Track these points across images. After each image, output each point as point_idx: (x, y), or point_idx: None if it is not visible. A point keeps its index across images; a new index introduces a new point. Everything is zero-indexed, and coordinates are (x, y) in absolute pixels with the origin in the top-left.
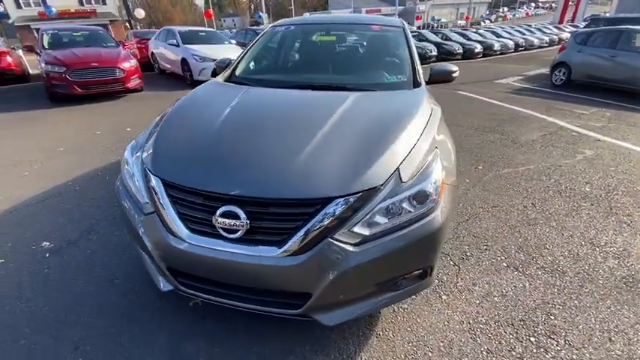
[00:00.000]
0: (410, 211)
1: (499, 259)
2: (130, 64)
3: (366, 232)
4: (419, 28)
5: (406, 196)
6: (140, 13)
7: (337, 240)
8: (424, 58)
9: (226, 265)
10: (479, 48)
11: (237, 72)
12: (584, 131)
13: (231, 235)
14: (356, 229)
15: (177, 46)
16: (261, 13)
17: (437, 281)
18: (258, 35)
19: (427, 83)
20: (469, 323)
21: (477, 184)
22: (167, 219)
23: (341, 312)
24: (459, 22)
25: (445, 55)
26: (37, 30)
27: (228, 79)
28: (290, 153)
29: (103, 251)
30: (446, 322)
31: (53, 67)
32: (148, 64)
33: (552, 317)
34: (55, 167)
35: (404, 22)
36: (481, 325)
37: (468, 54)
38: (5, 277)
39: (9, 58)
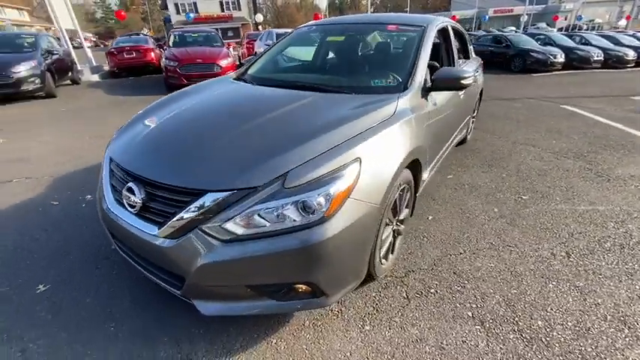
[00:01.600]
0: (295, 220)
1: (467, 306)
2: (227, 61)
3: (238, 230)
4: (560, 29)
5: (288, 202)
6: (259, 17)
7: (206, 232)
8: (545, 65)
9: (129, 235)
10: (631, 55)
11: (250, 70)
12: None
13: (131, 209)
14: (227, 226)
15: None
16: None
17: (371, 308)
18: None
19: (431, 90)
20: None
21: (504, 216)
22: (104, 188)
23: (218, 305)
24: (621, 22)
25: (578, 62)
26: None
27: (237, 76)
28: (198, 144)
29: None
30: (347, 355)
31: (170, 62)
32: None
33: None
34: None
35: (431, 23)
36: None
37: (614, 61)
38: None
39: (152, 54)
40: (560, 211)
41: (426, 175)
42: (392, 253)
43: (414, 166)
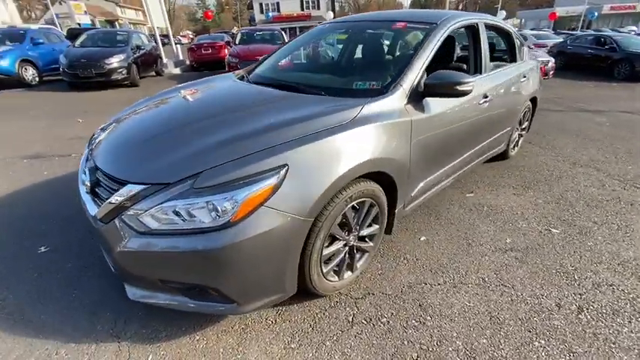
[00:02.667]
0: (203, 221)
1: (415, 346)
2: None
3: (152, 224)
4: None
5: (196, 202)
6: (329, 15)
7: (125, 222)
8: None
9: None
10: None
11: (258, 68)
12: None
13: (84, 189)
14: (143, 219)
15: None
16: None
17: (307, 325)
18: None
19: (424, 95)
20: None
21: (516, 249)
22: (79, 170)
23: (142, 292)
24: None
25: None
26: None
27: (242, 75)
28: (142, 139)
29: None
30: None
31: (232, 58)
32: None
33: None
34: None
35: (446, 20)
36: None
37: None
38: None
39: (225, 51)
40: (595, 253)
41: (414, 192)
42: (351, 271)
43: (386, 179)
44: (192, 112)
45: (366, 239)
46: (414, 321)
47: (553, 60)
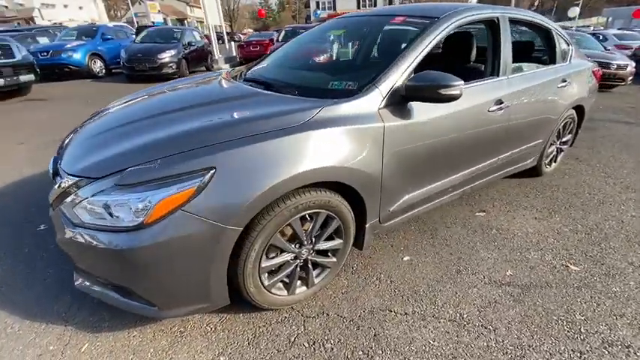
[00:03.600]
0: (123, 219)
1: None
2: None
3: (84, 217)
4: None
5: (116, 200)
6: None
7: (62, 211)
8: None
9: None
10: None
11: (255, 66)
12: None
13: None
14: (76, 210)
15: None
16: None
17: (245, 339)
18: None
19: (407, 99)
20: None
21: (515, 285)
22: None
23: (84, 281)
24: None
25: None
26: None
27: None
28: (97, 134)
29: None
30: None
31: None
32: None
33: None
34: None
35: (451, 15)
36: None
37: None
38: None
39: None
40: (619, 302)
41: (394, 207)
42: (306, 286)
43: (351, 191)
44: (148, 110)
45: (329, 254)
46: (361, 352)
47: (633, 64)
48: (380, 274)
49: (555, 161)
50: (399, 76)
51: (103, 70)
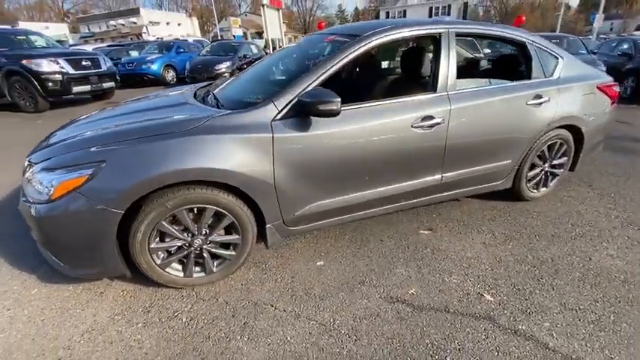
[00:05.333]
0: (42, 194)
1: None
2: None
3: (26, 190)
4: None
5: (39, 179)
6: None
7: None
8: None
9: None
10: None
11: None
12: None
13: None
14: (25, 185)
15: None
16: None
17: (141, 306)
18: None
19: (303, 113)
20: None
21: (419, 309)
22: None
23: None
24: None
25: None
26: None
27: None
28: (66, 131)
29: None
30: (61, 336)
31: None
32: None
33: None
34: None
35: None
36: None
37: None
38: None
39: None
40: (512, 339)
41: (299, 212)
42: (205, 273)
43: (243, 191)
44: (102, 115)
45: (230, 247)
46: (223, 334)
47: None
48: (285, 274)
49: (546, 186)
50: (299, 90)
51: (174, 79)
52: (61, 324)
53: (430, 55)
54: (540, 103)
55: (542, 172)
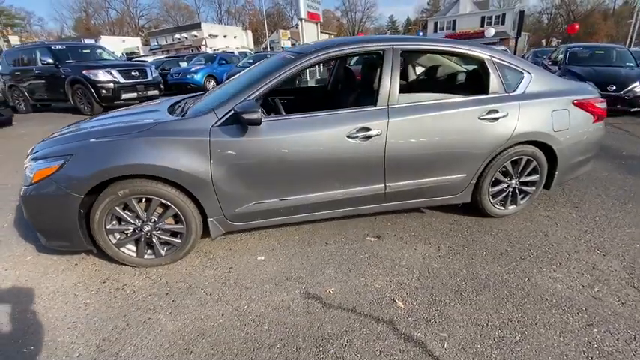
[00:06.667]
0: (29, 178)
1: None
2: None
3: (25, 176)
4: None
5: (28, 166)
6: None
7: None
8: None
9: None
10: None
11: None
12: None
13: None
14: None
15: None
16: None
17: (91, 276)
18: None
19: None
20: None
21: (322, 307)
22: None
23: None
24: None
25: None
26: None
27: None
28: (63, 129)
29: None
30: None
31: None
32: None
33: None
34: None
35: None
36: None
37: None
38: None
39: None
40: (398, 343)
41: (240, 209)
42: (155, 256)
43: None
44: (102, 117)
45: (178, 235)
46: (152, 306)
47: None
48: (226, 264)
49: (516, 204)
50: (239, 102)
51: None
52: (38, 284)
53: (374, 71)
54: (496, 119)
55: (510, 188)
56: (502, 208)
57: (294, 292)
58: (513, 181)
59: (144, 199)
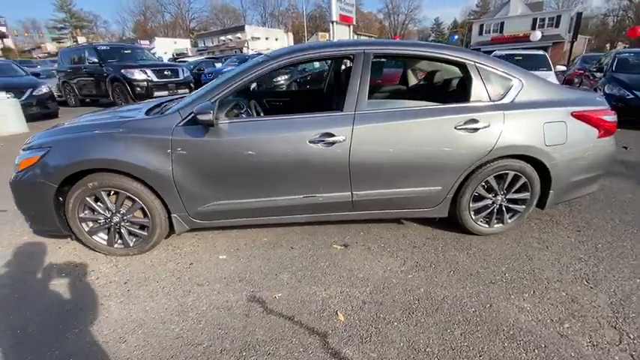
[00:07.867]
0: (17, 166)
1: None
2: None
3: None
4: None
5: (18, 155)
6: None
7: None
8: None
9: None
10: None
11: None
12: None
13: None
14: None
15: None
16: None
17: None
18: None
19: (191, 123)
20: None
21: (263, 312)
22: None
23: None
24: None
25: None
26: None
27: None
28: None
29: None
30: None
31: None
32: None
33: None
34: None
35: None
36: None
37: None
38: None
39: None
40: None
41: (201, 208)
42: (124, 246)
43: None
44: (97, 113)
45: (145, 228)
46: (109, 293)
47: None
48: (188, 260)
49: (502, 222)
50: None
51: None
52: (23, 262)
53: (345, 76)
54: (475, 129)
55: (495, 205)
56: (486, 225)
57: (240, 294)
58: (499, 198)
59: (112, 192)
